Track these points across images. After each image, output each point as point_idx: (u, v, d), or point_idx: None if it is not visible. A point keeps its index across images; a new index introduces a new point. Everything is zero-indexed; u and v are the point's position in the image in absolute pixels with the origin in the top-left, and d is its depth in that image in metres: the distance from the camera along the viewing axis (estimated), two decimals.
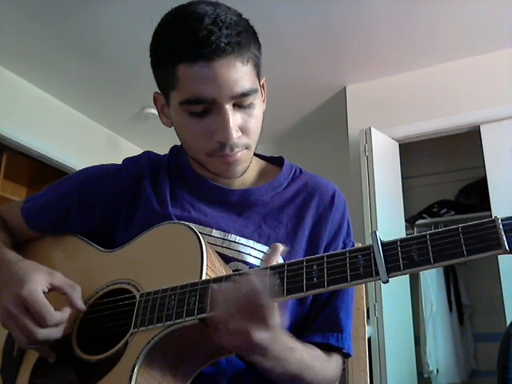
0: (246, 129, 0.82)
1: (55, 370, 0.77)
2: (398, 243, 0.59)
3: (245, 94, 0.79)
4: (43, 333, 0.74)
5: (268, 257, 0.69)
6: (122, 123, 3.90)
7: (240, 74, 0.78)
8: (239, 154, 0.83)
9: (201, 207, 0.89)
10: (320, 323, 0.86)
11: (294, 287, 0.63)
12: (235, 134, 0.79)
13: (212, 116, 0.79)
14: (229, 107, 0.78)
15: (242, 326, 0.62)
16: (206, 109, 0.78)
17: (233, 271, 0.80)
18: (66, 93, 3.47)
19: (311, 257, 0.64)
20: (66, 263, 0.92)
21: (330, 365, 0.83)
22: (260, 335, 0.62)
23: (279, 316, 0.63)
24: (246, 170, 0.89)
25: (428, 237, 0.58)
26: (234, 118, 0.79)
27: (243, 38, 0.78)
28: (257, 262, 0.83)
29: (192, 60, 0.75)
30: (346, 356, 0.88)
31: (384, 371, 2.59)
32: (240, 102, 0.79)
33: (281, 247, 0.69)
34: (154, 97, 0.89)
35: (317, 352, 0.81)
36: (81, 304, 0.78)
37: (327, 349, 0.84)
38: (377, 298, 2.69)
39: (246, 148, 0.84)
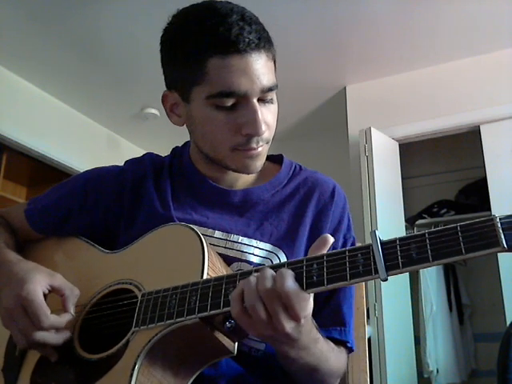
0: (267, 123, 0.83)
1: (57, 369, 0.77)
2: (397, 242, 0.59)
3: (271, 89, 0.81)
4: (39, 334, 0.74)
5: (315, 247, 0.67)
6: (122, 123, 3.90)
7: (267, 68, 0.81)
8: (261, 148, 0.84)
9: (202, 210, 0.90)
10: (323, 319, 0.85)
11: None
12: (264, 127, 0.81)
13: (240, 110, 0.80)
14: (255, 101, 0.80)
15: (271, 315, 0.61)
16: (235, 103, 0.79)
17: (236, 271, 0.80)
18: (66, 93, 3.47)
19: (311, 256, 0.65)
20: (68, 264, 0.93)
21: (341, 358, 0.84)
22: (290, 325, 0.62)
23: (309, 306, 0.63)
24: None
25: (427, 235, 0.58)
26: (261, 112, 0.80)
27: (267, 34, 0.82)
28: (260, 261, 0.83)
29: (226, 53, 0.77)
30: (349, 351, 0.88)
31: (384, 371, 2.59)
32: (264, 96, 0.81)
33: (331, 240, 0.67)
34: (164, 96, 0.88)
35: (332, 344, 0.81)
36: (72, 309, 0.78)
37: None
38: (377, 297, 2.69)
39: (267, 143, 0.86)
